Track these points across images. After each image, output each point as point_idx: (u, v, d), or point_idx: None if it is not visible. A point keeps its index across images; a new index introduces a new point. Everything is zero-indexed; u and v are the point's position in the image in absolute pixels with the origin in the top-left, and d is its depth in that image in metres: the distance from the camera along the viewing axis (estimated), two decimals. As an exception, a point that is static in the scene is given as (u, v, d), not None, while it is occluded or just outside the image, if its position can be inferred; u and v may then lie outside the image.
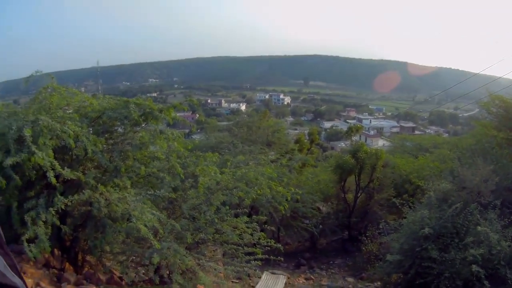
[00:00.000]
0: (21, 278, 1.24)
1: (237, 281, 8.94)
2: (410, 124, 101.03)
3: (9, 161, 5.20)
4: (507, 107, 12.80)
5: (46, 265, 6.93)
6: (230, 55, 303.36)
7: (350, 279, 12.13)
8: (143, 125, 6.62)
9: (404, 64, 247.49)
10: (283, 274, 11.05)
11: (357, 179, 15.84)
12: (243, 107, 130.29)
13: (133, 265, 7.59)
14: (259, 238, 7.78)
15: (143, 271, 7.91)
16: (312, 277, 12.51)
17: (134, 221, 5.59)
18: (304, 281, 11.98)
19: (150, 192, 6.15)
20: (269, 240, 7.91)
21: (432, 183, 10.60)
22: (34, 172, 5.84)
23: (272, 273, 10.75)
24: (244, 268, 7.39)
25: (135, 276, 7.61)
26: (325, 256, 15.53)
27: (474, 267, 7.21)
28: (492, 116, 14.23)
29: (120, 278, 7.80)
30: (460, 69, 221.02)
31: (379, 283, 10.54)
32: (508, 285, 7.32)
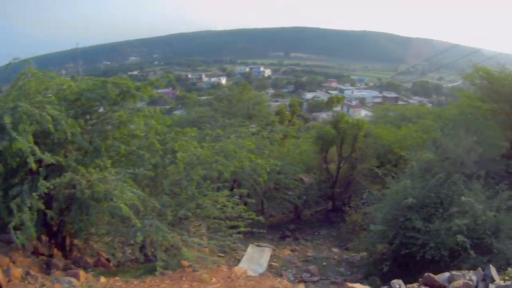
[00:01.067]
0: None
1: (222, 255, 8.94)
2: (393, 95, 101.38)
3: (-10, 149, 5.02)
4: (491, 79, 12.86)
5: (35, 253, 6.91)
6: (210, 29, 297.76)
7: (335, 250, 12.09)
8: (121, 104, 6.50)
9: (387, 35, 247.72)
10: (268, 247, 11.06)
11: (338, 149, 15.89)
12: (223, 81, 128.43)
13: (120, 245, 7.53)
14: (241, 212, 7.74)
15: (130, 251, 7.86)
16: (298, 248, 12.45)
17: (115, 200, 5.57)
18: (290, 252, 11.92)
19: (129, 171, 6.06)
20: (250, 213, 7.88)
21: (415, 153, 10.60)
22: (17, 159, 5.80)
23: (258, 245, 10.77)
24: (227, 241, 7.37)
25: (122, 256, 7.55)
26: (309, 227, 15.52)
27: (459, 237, 7.28)
28: (475, 87, 14.30)
29: (108, 260, 7.74)
30: (442, 40, 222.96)
31: (364, 253, 10.53)
32: (493, 254, 7.43)
